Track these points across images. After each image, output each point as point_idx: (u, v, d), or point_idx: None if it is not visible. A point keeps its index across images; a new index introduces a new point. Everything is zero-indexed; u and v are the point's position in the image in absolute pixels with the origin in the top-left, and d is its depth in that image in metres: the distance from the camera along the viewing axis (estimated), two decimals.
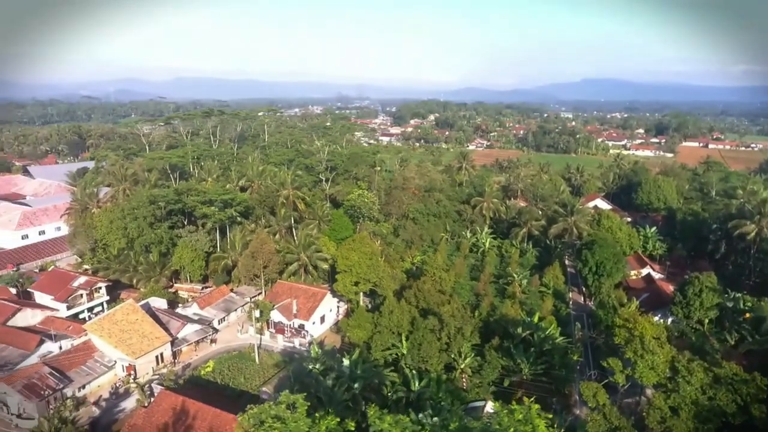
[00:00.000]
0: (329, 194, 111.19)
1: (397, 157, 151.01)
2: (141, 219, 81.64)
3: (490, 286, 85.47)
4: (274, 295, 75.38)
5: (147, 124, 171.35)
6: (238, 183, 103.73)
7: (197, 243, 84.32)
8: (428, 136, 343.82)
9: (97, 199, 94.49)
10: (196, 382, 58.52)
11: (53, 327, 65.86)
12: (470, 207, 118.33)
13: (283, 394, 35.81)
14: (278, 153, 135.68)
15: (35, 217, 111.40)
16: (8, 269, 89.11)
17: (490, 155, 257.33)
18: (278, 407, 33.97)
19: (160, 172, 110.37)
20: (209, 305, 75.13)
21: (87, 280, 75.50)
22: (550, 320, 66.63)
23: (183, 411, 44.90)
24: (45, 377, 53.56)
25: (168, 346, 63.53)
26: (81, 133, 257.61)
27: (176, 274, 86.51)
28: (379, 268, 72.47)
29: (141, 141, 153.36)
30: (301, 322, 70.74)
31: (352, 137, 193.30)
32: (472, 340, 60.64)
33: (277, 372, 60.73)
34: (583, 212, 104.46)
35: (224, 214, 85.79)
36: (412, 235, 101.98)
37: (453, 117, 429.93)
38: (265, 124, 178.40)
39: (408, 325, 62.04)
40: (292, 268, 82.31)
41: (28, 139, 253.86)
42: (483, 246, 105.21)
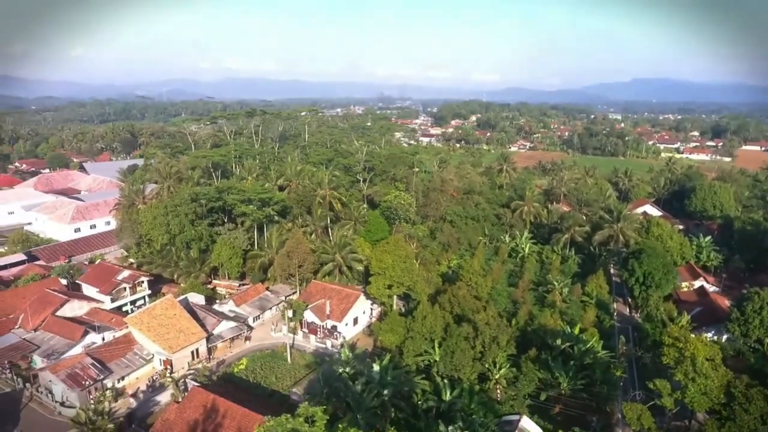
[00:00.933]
0: (366, 195, 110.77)
1: (436, 158, 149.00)
2: (182, 216, 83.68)
3: (529, 294, 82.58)
4: (308, 294, 75.52)
5: (193, 123, 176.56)
6: (276, 182, 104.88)
7: (235, 241, 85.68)
8: (469, 137, 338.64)
9: (143, 196, 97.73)
10: (229, 379, 59.12)
11: (98, 318, 68.53)
12: (510, 210, 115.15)
13: (302, 406, 35.21)
14: (317, 153, 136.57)
15: (87, 212, 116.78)
16: (61, 261, 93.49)
17: (532, 157, 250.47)
18: (296, 420, 33.28)
19: (203, 170, 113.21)
20: (245, 303, 76.08)
21: (130, 274, 78.08)
22: (592, 332, 63.39)
23: (213, 409, 45.28)
24: (87, 368, 55.47)
25: (204, 342, 64.63)
26: (133, 132, 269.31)
27: (215, 271, 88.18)
28: (413, 271, 71.24)
29: (187, 139, 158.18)
30: (334, 324, 70.45)
31: (391, 137, 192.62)
32: (508, 350, 58.49)
33: (308, 373, 60.56)
34: (630, 219, 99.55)
35: (262, 213, 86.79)
36: (449, 238, 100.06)
37: (495, 118, 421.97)
38: (306, 124, 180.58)
39: (441, 331, 60.61)
40: (326, 269, 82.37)
41: (86, 137, 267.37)
42: (522, 251, 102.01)
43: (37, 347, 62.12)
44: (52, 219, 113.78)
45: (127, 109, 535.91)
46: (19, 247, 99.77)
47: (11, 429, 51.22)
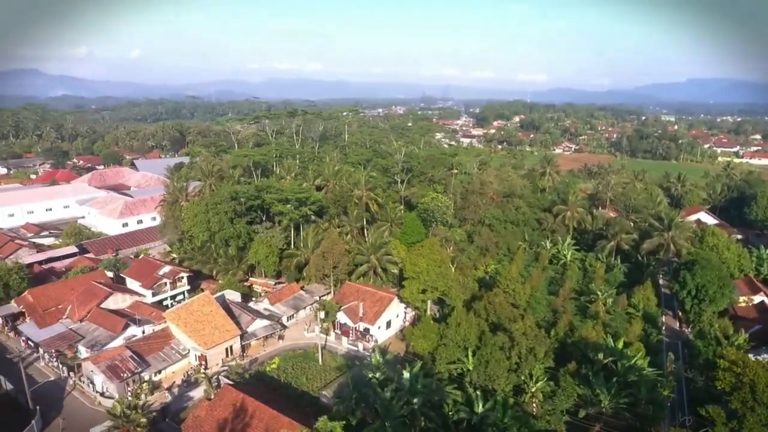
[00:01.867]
0: (403, 196, 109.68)
1: (476, 160, 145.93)
2: (222, 214, 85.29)
3: (570, 303, 79.19)
4: (341, 296, 75.23)
5: (237, 122, 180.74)
6: (314, 182, 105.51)
7: (272, 239, 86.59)
8: (511, 138, 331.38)
9: (186, 193, 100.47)
10: (261, 377, 59.46)
11: (139, 312, 70.67)
12: (552, 215, 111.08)
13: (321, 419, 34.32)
14: (356, 153, 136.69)
15: (135, 207, 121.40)
16: (109, 254, 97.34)
17: (577, 160, 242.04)
18: None
19: (244, 168, 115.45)
20: (279, 301, 76.62)
21: (171, 270, 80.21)
22: (638, 347, 59.70)
23: (242, 408, 45.43)
24: (126, 360, 57.10)
25: (238, 339, 65.40)
26: (182, 130, 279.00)
27: (252, 269, 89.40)
28: (448, 276, 69.59)
29: (231, 139, 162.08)
30: (367, 326, 69.76)
31: (431, 138, 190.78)
32: (546, 362, 55.97)
33: (339, 376, 60.10)
34: (683, 227, 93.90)
35: (299, 213, 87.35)
36: (487, 242, 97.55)
37: (539, 119, 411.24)
38: (347, 124, 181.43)
39: (476, 339, 58.67)
40: (361, 270, 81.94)
41: (138, 135, 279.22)
42: (564, 258, 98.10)
43: (81, 338, 64.69)
44: (103, 213, 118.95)
45: (177, 108, 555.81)
46: (72, 240, 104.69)
47: (55, 416, 53.30)
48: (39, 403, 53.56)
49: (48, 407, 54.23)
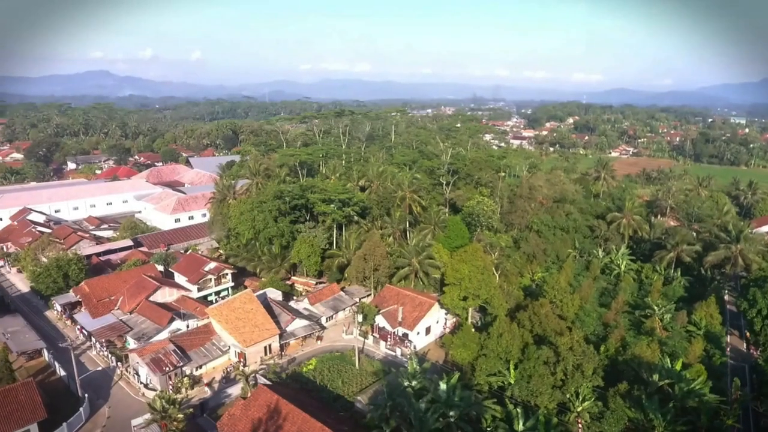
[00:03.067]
0: (448, 199, 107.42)
1: (525, 163, 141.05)
2: (267, 212, 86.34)
3: (623, 317, 74.52)
4: (381, 299, 74.22)
5: (286, 122, 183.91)
6: (358, 182, 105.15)
7: (315, 239, 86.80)
8: (564, 140, 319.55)
9: (234, 191, 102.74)
10: (298, 378, 59.36)
11: (184, 306, 72.53)
12: (606, 222, 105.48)
13: None
14: (402, 154, 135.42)
15: (187, 204, 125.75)
16: (161, 248, 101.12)
17: (636, 164, 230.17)
18: None
19: (290, 168, 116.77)
20: (319, 302, 76.58)
21: (216, 266, 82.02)
22: (699, 369, 55.11)
23: (276, 410, 45.22)
24: (169, 354, 58.50)
25: (277, 338, 65.74)
26: (235, 129, 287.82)
27: (294, 267, 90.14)
28: (491, 284, 67.02)
29: (280, 138, 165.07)
30: (405, 331, 68.33)
31: (479, 140, 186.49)
32: (594, 380, 52.53)
33: (375, 381, 59.03)
34: (753, 239, 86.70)
35: (341, 213, 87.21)
36: (534, 249, 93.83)
37: (595, 120, 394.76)
38: (394, 125, 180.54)
39: (518, 352, 56.07)
40: (402, 273, 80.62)
41: (195, 134, 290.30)
42: (618, 268, 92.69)
43: (130, 329, 67.05)
44: (157, 209, 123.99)
45: (233, 108, 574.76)
46: (128, 233, 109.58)
47: (102, 404, 55.40)
48: (88, 391, 55.88)
49: (96, 395, 56.50)
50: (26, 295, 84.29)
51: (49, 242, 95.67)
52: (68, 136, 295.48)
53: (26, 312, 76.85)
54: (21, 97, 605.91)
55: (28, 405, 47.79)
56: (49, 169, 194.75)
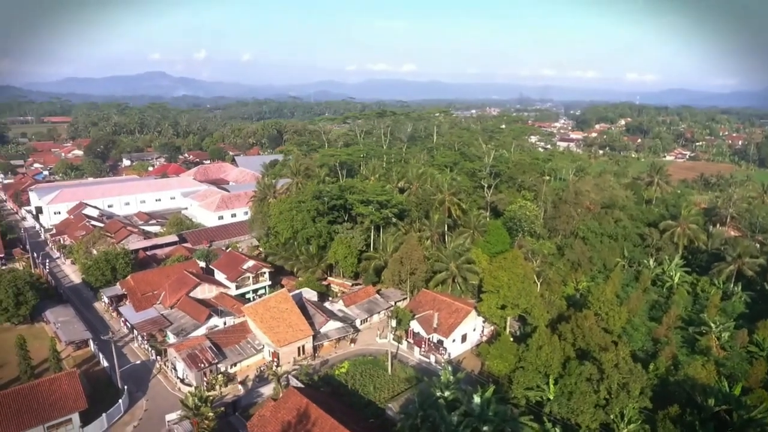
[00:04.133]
0: (489, 202, 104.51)
1: (572, 166, 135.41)
2: (305, 212, 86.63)
3: (675, 334, 69.71)
4: (416, 303, 72.76)
5: (329, 122, 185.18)
6: (397, 184, 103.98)
7: (352, 240, 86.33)
8: (615, 143, 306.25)
9: (274, 190, 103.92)
10: (329, 381, 58.84)
11: (223, 303, 73.71)
12: (658, 231, 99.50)
13: None
14: (443, 155, 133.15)
15: (230, 201, 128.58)
16: (203, 245, 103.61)
17: (692, 169, 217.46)
18: None
19: (330, 168, 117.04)
20: (354, 304, 76.00)
21: (254, 264, 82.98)
22: (761, 395, 50.47)
23: (305, 414, 44.74)
24: (205, 350, 59.38)
25: (310, 339, 65.58)
26: (280, 129, 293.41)
27: (331, 268, 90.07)
28: (531, 293, 64.17)
29: (322, 138, 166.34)
30: (440, 338, 66.58)
31: (524, 141, 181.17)
32: (641, 401, 49.09)
33: (407, 388, 57.67)
34: None
35: (379, 215, 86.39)
36: (579, 257, 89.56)
37: (649, 122, 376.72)
38: (436, 125, 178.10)
39: (559, 366, 53.28)
40: (439, 278, 78.86)
41: (241, 133, 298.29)
42: (670, 280, 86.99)
43: (170, 324, 68.76)
44: (202, 206, 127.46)
45: (280, 108, 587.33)
46: (174, 229, 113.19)
47: (140, 396, 56.86)
48: (128, 383, 57.55)
49: (135, 387, 58.07)
50: (78, 286, 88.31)
51: (100, 236, 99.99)
52: (125, 134, 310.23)
53: (76, 303, 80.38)
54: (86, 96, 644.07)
55: (71, 395, 49.52)
56: (106, 166, 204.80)
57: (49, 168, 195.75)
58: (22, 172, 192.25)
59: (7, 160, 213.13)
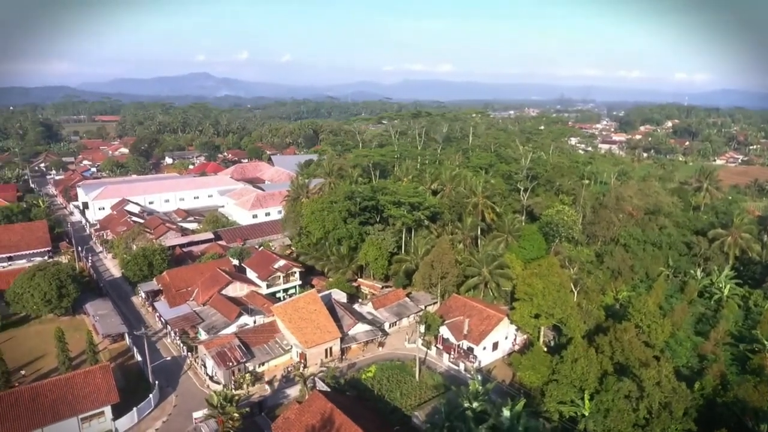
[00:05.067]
0: (525, 206, 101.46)
1: (614, 170, 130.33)
2: (336, 213, 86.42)
3: (724, 350, 65.36)
4: (446, 308, 71.22)
5: (363, 122, 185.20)
6: (430, 185, 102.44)
7: (383, 242, 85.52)
8: (661, 145, 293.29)
9: (307, 190, 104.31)
10: (356, 385, 58.14)
11: (253, 302, 74.26)
12: (707, 240, 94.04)
13: None
14: (478, 157, 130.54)
15: (264, 200, 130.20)
16: (238, 243, 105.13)
17: (745, 174, 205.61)
18: None
19: (363, 168, 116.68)
20: (383, 307, 75.14)
21: (285, 264, 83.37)
22: None
23: (330, 419, 44.14)
24: (234, 349, 59.78)
25: (338, 341, 65.13)
26: (316, 129, 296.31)
27: (361, 269, 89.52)
28: (567, 303, 61.53)
29: (356, 138, 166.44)
30: (471, 345, 64.80)
31: (563, 143, 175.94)
32: (685, 423, 45.99)
33: (434, 396, 56.23)
34: None
35: (411, 217, 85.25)
36: (620, 265, 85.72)
37: (698, 124, 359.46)
38: (472, 126, 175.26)
39: (595, 380, 50.67)
40: (471, 283, 76.94)
41: (279, 132, 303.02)
42: (719, 293, 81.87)
43: (202, 320, 69.74)
44: (237, 204, 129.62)
45: (317, 108, 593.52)
46: (210, 227, 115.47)
47: (170, 392, 57.80)
48: (159, 378, 58.61)
49: (166, 382, 59.09)
50: (117, 280, 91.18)
51: (140, 232, 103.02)
52: (168, 132, 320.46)
53: (114, 297, 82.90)
54: (134, 96, 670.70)
55: (104, 388, 50.72)
56: (149, 163, 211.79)
57: (97, 165, 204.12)
58: (72, 169, 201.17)
59: (59, 157, 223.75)
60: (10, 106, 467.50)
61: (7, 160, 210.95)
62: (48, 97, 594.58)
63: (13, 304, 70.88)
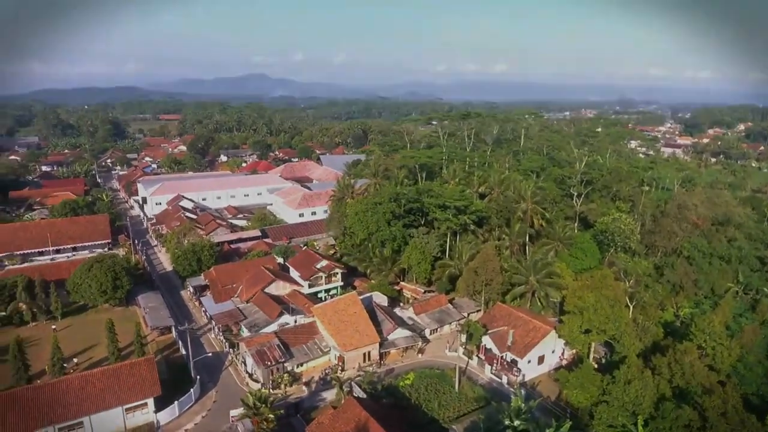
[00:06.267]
0: (578, 212, 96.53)
1: (678, 176, 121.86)
2: (380, 214, 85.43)
3: None
4: (490, 317, 68.57)
5: (412, 123, 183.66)
6: (478, 188, 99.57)
7: (427, 245, 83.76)
8: (732, 150, 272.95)
9: (352, 190, 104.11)
10: (393, 392, 56.84)
11: (295, 301, 74.63)
12: None
13: None
14: (530, 160, 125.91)
15: (311, 199, 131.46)
16: (283, 241, 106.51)
17: None
18: None
19: (409, 169, 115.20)
20: (424, 312, 73.49)
21: (327, 264, 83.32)
22: None
23: (363, 428, 43.10)
24: (273, 348, 60.04)
25: (377, 346, 64.10)
26: (365, 129, 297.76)
27: (404, 272, 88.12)
28: (621, 319, 57.38)
29: (404, 139, 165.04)
30: (515, 358, 61.91)
31: (622, 147, 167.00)
32: None
33: (474, 410, 53.97)
34: None
35: (457, 221, 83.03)
36: (681, 279, 79.53)
37: None
38: (525, 128, 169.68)
39: (650, 405, 46.78)
40: (517, 291, 74.01)
41: (329, 132, 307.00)
42: None
43: (245, 318, 70.74)
44: (285, 203, 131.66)
45: (368, 108, 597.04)
46: (257, 224, 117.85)
47: (211, 387, 58.79)
48: (202, 372, 59.80)
49: (208, 377, 60.19)
50: (168, 274, 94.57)
51: (191, 227, 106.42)
52: (224, 131, 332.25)
53: (164, 290, 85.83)
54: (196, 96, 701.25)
55: (148, 380, 52.13)
56: (205, 161, 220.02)
57: (157, 161, 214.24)
58: (135, 165, 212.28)
59: (124, 153, 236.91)
60: (84, 105, 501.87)
61: (78, 156, 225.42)
62: (118, 96, 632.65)
63: (73, 293, 74.80)
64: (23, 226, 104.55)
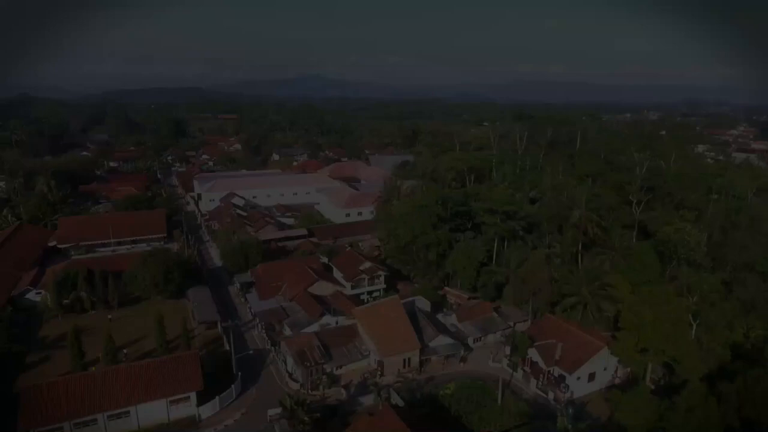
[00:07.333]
0: (638, 221, 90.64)
1: (752, 184, 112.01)
2: (426, 218, 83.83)
3: None
4: (538, 329, 65.52)
5: (460, 124, 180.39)
6: (529, 193, 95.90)
7: (473, 251, 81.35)
8: None
9: (399, 191, 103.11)
10: (432, 402, 55.14)
11: (337, 302, 74.43)
12: None
13: None
14: (586, 164, 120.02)
15: (358, 200, 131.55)
16: (329, 241, 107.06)
17: None
18: None
19: (458, 172, 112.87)
20: (468, 320, 71.36)
21: (370, 267, 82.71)
22: None
23: None
24: (313, 349, 59.97)
25: (417, 352, 62.73)
26: (415, 130, 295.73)
27: (449, 277, 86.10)
28: (682, 339, 52.92)
29: (454, 140, 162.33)
30: (563, 373, 58.67)
31: (688, 151, 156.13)
32: None
33: (516, 426, 51.37)
34: None
35: (505, 226, 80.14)
36: (754, 296, 72.51)
37: None
38: (581, 131, 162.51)
39: None
40: (567, 302, 70.13)
41: (379, 132, 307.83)
42: None
43: (287, 316, 71.28)
44: (332, 202, 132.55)
45: (421, 109, 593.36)
46: (304, 223, 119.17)
47: (251, 385, 59.42)
48: (243, 369, 60.55)
49: (248, 374, 60.84)
50: (218, 269, 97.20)
51: (241, 224, 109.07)
52: (278, 131, 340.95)
53: (213, 285, 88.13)
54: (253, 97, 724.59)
55: (192, 375, 53.34)
56: (258, 159, 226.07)
57: (213, 159, 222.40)
58: (193, 162, 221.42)
59: (183, 151, 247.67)
60: (151, 105, 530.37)
61: (142, 153, 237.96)
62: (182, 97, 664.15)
63: (129, 285, 78.23)
64: (89, 219, 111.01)
